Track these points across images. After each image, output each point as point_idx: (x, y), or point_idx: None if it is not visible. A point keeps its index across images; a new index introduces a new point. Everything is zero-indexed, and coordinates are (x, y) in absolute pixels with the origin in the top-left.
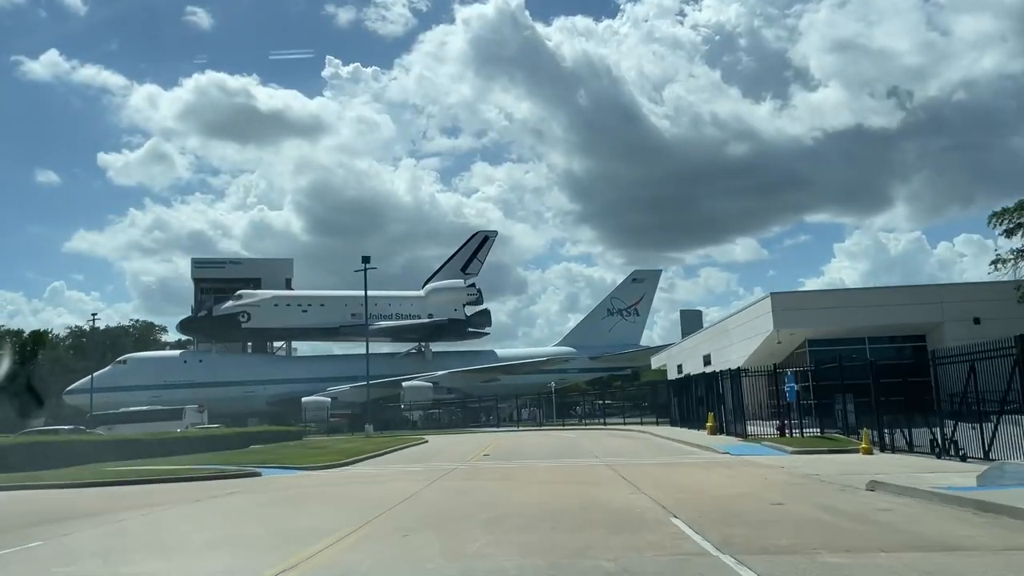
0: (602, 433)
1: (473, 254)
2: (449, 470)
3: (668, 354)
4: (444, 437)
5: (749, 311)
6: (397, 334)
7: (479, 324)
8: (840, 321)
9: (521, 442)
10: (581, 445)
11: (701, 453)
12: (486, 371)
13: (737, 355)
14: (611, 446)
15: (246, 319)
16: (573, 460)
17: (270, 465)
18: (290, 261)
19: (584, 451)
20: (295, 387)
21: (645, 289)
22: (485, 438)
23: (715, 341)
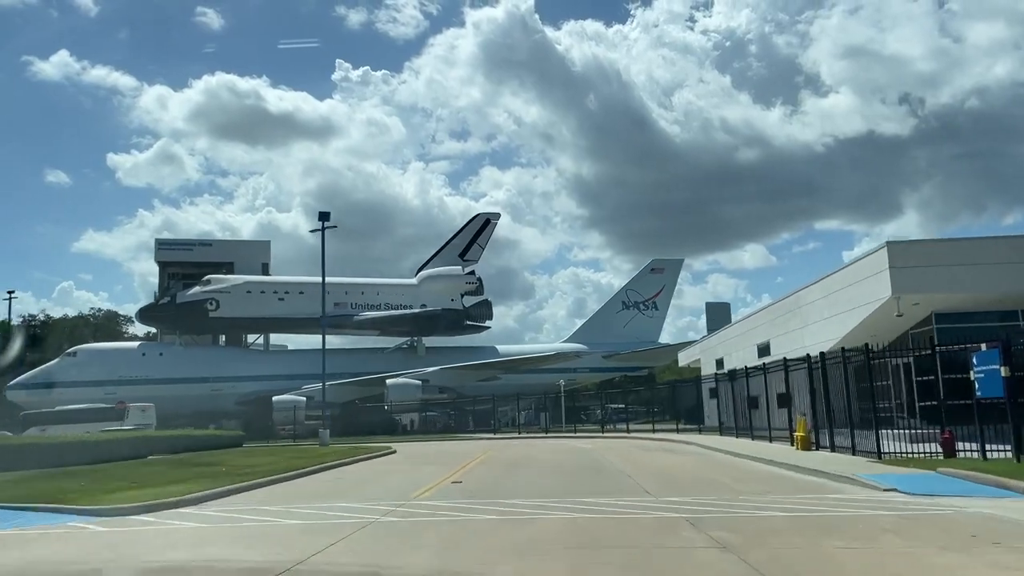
0: (629, 444)
1: (473, 239)
2: (324, 545)
3: (703, 347)
4: (422, 446)
5: (846, 273)
6: (385, 326)
7: (479, 316)
8: (991, 284)
9: (521, 455)
10: (608, 463)
11: (856, 492)
12: (483, 367)
13: (818, 338)
14: (655, 466)
15: (214, 307)
16: (609, 500)
17: (37, 504)
18: (267, 244)
19: (616, 474)
20: (269, 385)
21: (665, 280)
22: (474, 447)
23: (777, 324)
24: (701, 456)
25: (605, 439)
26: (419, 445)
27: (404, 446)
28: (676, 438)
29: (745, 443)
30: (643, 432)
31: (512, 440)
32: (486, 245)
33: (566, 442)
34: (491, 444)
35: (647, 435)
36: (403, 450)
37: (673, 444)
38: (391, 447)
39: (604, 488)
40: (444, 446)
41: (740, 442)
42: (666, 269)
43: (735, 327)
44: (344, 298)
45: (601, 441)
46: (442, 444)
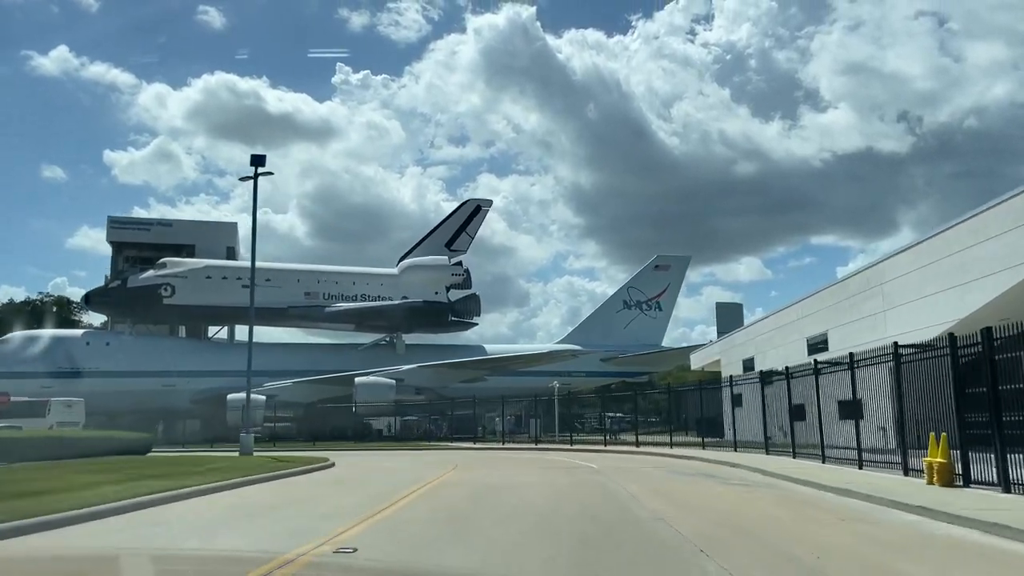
0: (649, 464)
1: (462, 227)
2: None
3: (725, 346)
4: (377, 459)
5: (966, 229)
6: (360, 319)
7: (466, 311)
8: None
9: (496, 480)
10: (635, 503)
11: None
12: (466, 366)
13: (911, 324)
14: (721, 514)
15: (169, 293)
16: None
17: None
18: (233, 226)
19: (664, 539)
20: (228, 381)
21: (670, 279)
22: (441, 463)
23: (840, 311)
24: (774, 492)
25: (612, 455)
26: (373, 458)
27: (356, 458)
28: (707, 456)
29: (813, 468)
30: (657, 446)
31: (495, 452)
32: (475, 235)
33: (561, 457)
34: (465, 458)
35: (662, 450)
36: (348, 464)
37: (709, 466)
38: (330, 460)
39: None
40: (402, 460)
41: (803, 466)
42: (672, 266)
43: (769, 320)
44: (316, 287)
45: (608, 458)
46: (403, 456)
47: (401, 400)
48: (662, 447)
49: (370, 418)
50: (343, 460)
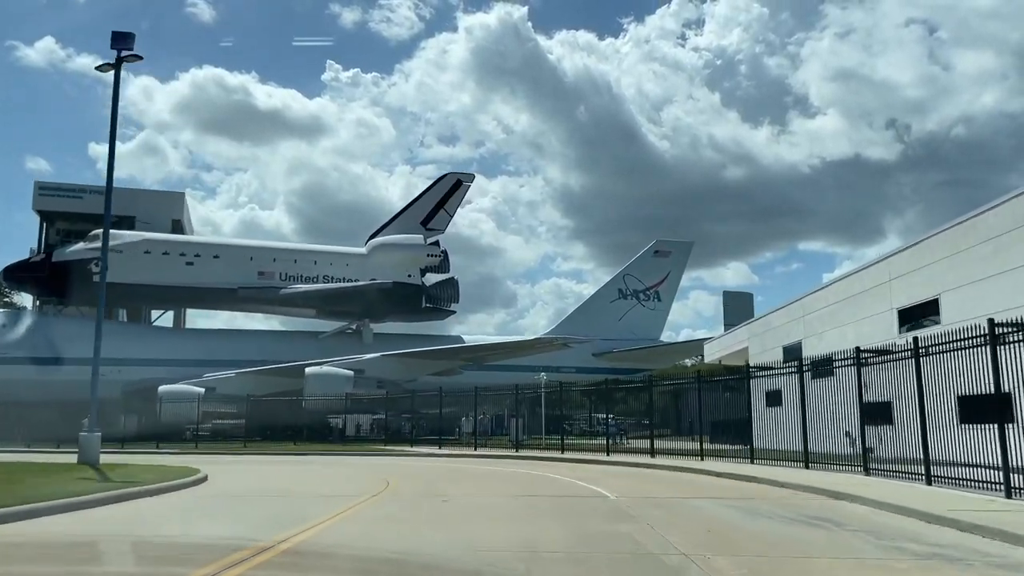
0: (690, 489)
1: (440, 202)
2: None
3: (755, 330)
4: (283, 470)
5: None
6: (319, 303)
7: (442, 298)
8: None
9: (413, 540)
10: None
11: None
12: (437, 356)
13: None
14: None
15: (100, 269)
16: None
17: None
18: (180, 196)
19: None
20: (166, 371)
21: (671, 266)
22: (371, 479)
23: (953, 268)
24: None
25: (623, 471)
26: (284, 468)
27: (261, 469)
28: (762, 474)
29: (973, 500)
30: (677, 456)
31: (461, 463)
32: (455, 212)
33: (552, 473)
34: (413, 473)
35: (688, 462)
36: (230, 479)
37: (791, 495)
38: (203, 474)
39: None
40: (317, 473)
41: (935, 495)
42: (672, 253)
43: (831, 289)
44: (271, 266)
45: (621, 477)
46: (329, 467)
47: (360, 395)
48: (685, 458)
49: (333, 416)
50: (235, 472)
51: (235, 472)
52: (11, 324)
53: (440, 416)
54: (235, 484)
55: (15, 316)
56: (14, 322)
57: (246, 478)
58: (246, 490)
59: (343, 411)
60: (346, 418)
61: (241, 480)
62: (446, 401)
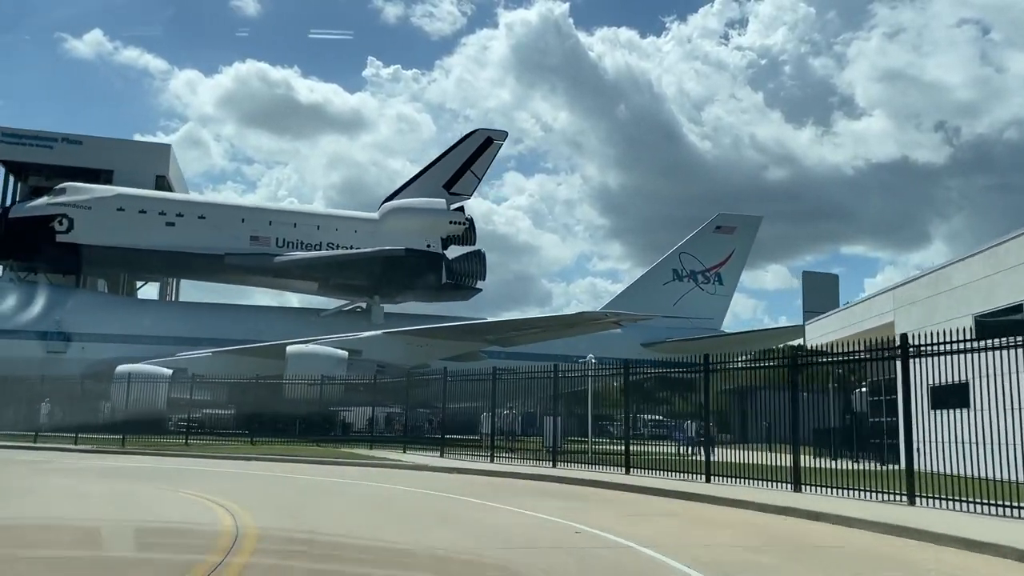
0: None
1: (467, 163)
2: None
3: (913, 294)
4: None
5: None
6: (323, 274)
7: (466, 272)
8: None
9: None
10: None
11: None
12: (452, 335)
13: None
14: None
15: (64, 227)
16: None
17: None
18: (166, 148)
19: None
20: (137, 349)
21: (735, 244)
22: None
23: None
24: None
25: (784, 526)
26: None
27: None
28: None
29: None
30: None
31: (456, 484)
32: (484, 175)
33: (631, 534)
34: (337, 502)
35: (885, 512)
36: None
37: None
38: None
39: None
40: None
41: None
42: (737, 229)
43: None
44: (266, 230)
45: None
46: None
47: (355, 380)
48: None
49: (339, 408)
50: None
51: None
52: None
53: (443, 408)
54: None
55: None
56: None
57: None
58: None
59: (344, 401)
60: (350, 411)
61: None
62: (467, 392)
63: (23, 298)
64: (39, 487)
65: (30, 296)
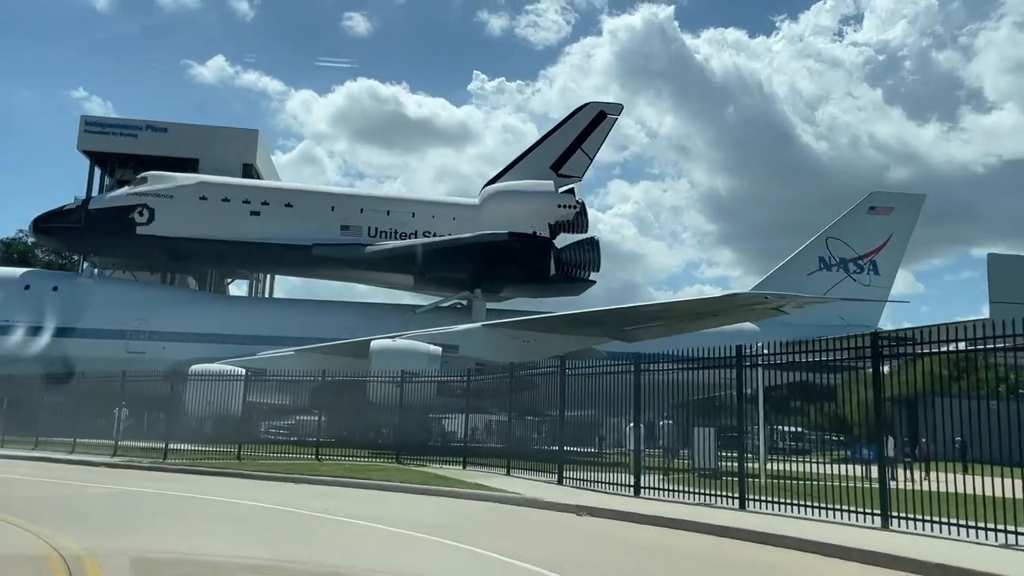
0: None
1: (577, 141)
2: None
3: None
4: None
5: None
6: (420, 265)
7: (577, 262)
8: None
9: None
10: None
11: None
12: (566, 326)
13: None
14: None
15: (145, 219)
16: None
17: None
18: (254, 134)
19: None
20: (220, 349)
21: (892, 227)
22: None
23: None
24: None
25: None
26: None
27: None
28: None
29: None
30: None
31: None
32: (595, 155)
33: None
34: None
35: None
36: None
37: None
38: None
39: None
40: None
41: None
42: (895, 209)
43: None
44: (357, 218)
45: None
46: None
47: (451, 381)
48: None
49: (434, 415)
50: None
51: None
52: (39, 286)
53: (560, 414)
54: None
55: (45, 277)
56: (43, 284)
57: None
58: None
59: (437, 406)
60: (449, 418)
61: None
62: (598, 392)
63: (103, 295)
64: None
65: (110, 293)
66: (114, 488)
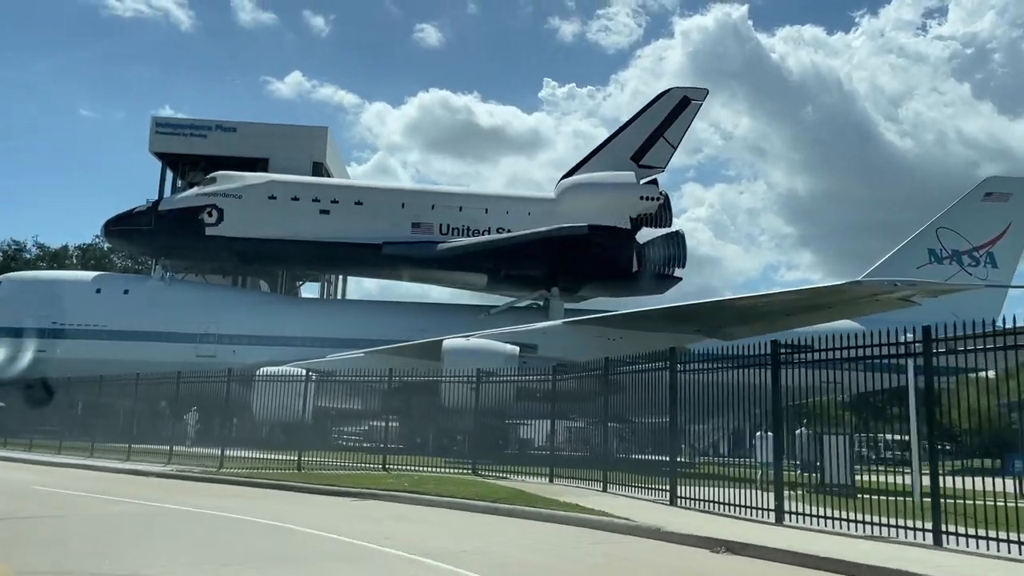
0: None
1: (659, 129)
2: None
3: None
4: None
5: None
6: (491, 262)
7: (661, 259)
8: None
9: None
10: None
11: None
12: (653, 321)
13: None
14: None
15: (214, 219)
16: None
17: None
18: (323, 131)
19: None
20: (290, 352)
21: (1012, 215)
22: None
23: None
24: None
25: None
26: None
27: None
28: None
29: None
30: None
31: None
32: (679, 143)
33: None
34: None
35: None
36: None
37: None
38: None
39: None
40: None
41: None
42: (1013, 195)
43: None
44: (429, 215)
45: None
46: None
47: (527, 380)
48: None
49: (515, 422)
50: None
51: None
52: (110, 289)
53: (673, 420)
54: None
55: (116, 280)
56: (113, 287)
57: None
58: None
59: (516, 411)
60: (527, 423)
61: None
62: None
63: (173, 298)
64: None
65: (180, 296)
66: (136, 505)
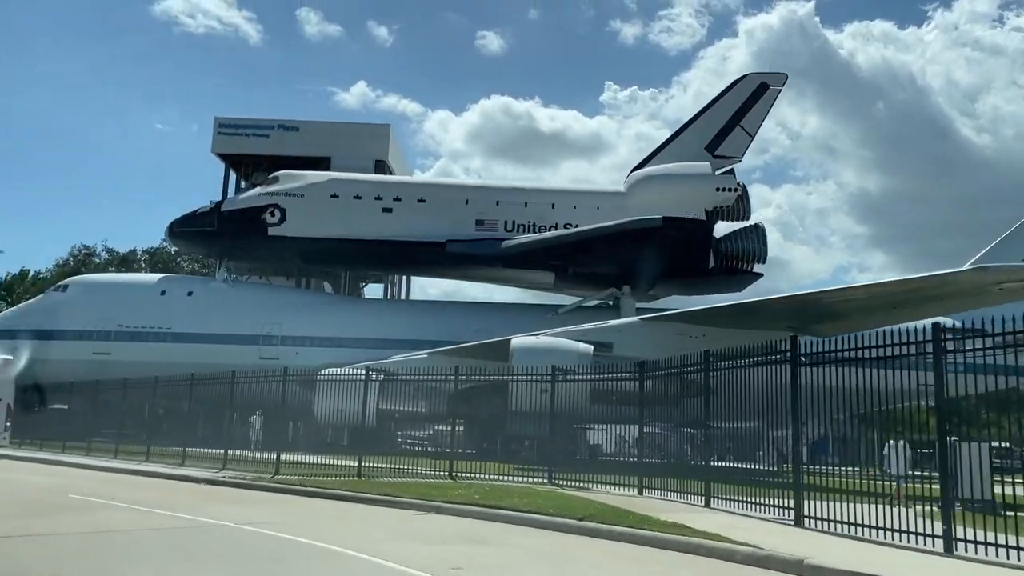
0: None
1: (735, 117)
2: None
3: None
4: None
5: None
6: (563, 260)
7: (740, 253)
8: None
9: None
10: None
11: None
12: (738, 317)
13: None
14: None
15: (277, 219)
16: None
17: None
18: (385, 129)
19: None
20: (353, 354)
21: None
22: None
23: None
24: None
25: None
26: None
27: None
28: None
29: None
30: None
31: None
32: (757, 132)
33: None
34: None
35: None
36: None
37: None
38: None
39: None
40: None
41: None
42: None
43: None
44: (493, 211)
45: None
46: None
47: (602, 378)
48: None
49: (585, 426)
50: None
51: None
52: (174, 291)
53: (796, 423)
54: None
55: (180, 282)
56: (178, 289)
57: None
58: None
59: (589, 415)
60: (595, 428)
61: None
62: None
63: (236, 300)
64: None
65: (243, 298)
66: (172, 518)
